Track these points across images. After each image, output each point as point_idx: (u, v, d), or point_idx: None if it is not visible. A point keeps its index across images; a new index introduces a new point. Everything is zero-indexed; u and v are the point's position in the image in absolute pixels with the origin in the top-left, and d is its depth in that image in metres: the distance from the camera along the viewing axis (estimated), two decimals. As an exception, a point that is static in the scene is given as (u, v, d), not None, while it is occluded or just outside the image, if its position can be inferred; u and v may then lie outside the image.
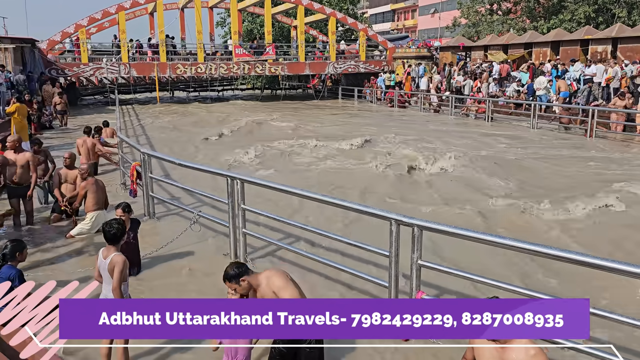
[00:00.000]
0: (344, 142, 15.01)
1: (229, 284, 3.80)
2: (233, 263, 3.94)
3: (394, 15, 75.64)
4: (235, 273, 3.78)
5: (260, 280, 3.82)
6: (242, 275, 3.78)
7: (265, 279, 3.80)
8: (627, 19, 27.25)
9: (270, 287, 3.75)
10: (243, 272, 3.80)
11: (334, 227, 7.55)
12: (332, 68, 30.41)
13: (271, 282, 3.76)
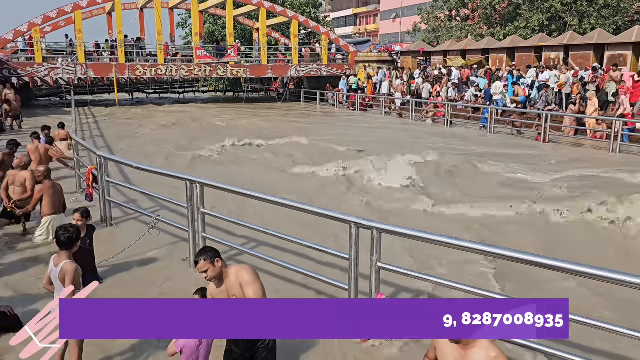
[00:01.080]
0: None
1: (202, 263, 3.72)
2: (206, 246, 3.97)
3: (356, 20, 76.33)
4: (211, 254, 3.75)
5: (230, 272, 3.81)
6: (217, 256, 3.77)
7: (235, 272, 3.80)
8: (578, 27, 28.33)
9: (238, 280, 3.74)
10: (217, 255, 3.79)
11: (295, 230, 7.54)
12: (294, 71, 30.43)
13: (240, 275, 3.76)
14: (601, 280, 3.63)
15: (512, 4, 31.54)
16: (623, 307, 5.37)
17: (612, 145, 14.72)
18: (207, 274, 3.73)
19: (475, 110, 21.25)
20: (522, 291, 5.78)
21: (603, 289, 5.57)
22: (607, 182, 11.24)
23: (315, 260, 6.41)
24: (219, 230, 7.32)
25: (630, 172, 11.75)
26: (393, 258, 6.28)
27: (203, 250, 3.83)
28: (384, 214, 8.99)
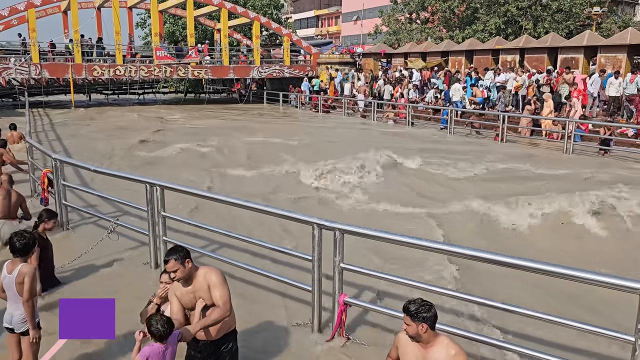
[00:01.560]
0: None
1: (173, 262, 3.62)
2: (176, 245, 3.84)
3: (318, 21, 76.57)
4: (182, 254, 3.66)
5: (198, 273, 3.76)
6: (188, 257, 3.69)
7: (203, 274, 3.74)
8: (533, 31, 29.25)
9: (206, 281, 3.70)
10: (188, 255, 3.71)
11: (257, 232, 7.52)
12: (256, 72, 30.29)
13: (208, 277, 3.71)
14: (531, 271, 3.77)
15: (470, 7, 32.29)
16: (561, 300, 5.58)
17: (566, 145, 15.24)
18: (176, 273, 3.65)
19: (435, 111, 21.64)
20: (477, 288, 5.92)
21: (548, 283, 5.77)
22: (521, 175, 12.07)
23: (279, 262, 6.40)
24: (180, 233, 7.22)
25: (550, 168, 12.71)
26: (362, 259, 6.36)
27: (174, 250, 3.72)
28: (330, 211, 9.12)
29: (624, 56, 18.62)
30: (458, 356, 3.27)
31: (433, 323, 3.32)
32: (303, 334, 4.93)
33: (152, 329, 3.41)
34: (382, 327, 5.04)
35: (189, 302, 3.75)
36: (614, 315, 5.03)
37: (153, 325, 3.41)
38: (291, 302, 5.52)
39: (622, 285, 3.36)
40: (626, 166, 13.48)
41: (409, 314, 3.31)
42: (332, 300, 4.75)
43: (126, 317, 5.14)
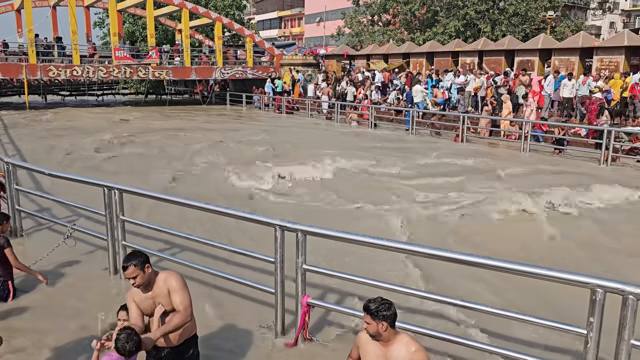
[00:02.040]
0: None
1: (132, 269, 3.52)
2: (135, 250, 3.74)
3: (280, 22, 76.46)
4: (141, 259, 3.56)
5: (158, 278, 3.68)
6: (148, 262, 3.60)
7: (163, 279, 3.67)
8: (491, 34, 30.00)
9: (166, 286, 3.62)
10: (148, 260, 3.62)
11: (218, 235, 7.44)
12: (219, 73, 29.99)
13: (168, 282, 3.64)
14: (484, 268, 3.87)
15: (430, 10, 32.86)
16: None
17: (523, 145, 15.66)
18: (136, 280, 3.56)
19: (398, 112, 21.90)
20: (439, 286, 6.02)
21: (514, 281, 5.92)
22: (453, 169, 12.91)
23: (241, 264, 6.34)
24: (140, 237, 7.07)
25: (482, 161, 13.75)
26: (329, 260, 6.37)
27: (133, 255, 3.62)
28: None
29: (576, 59, 19.31)
30: (418, 353, 3.31)
31: (393, 321, 3.36)
32: (266, 336, 4.90)
33: (119, 345, 3.27)
34: (345, 327, 5.07)
35: (148, 308, 3.67)
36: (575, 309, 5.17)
37: (120, 342, 3.27)
38: (254, 305, 5.48)
39: (575, 281, 3.47)
40: (572, 164, 13.96)
41: (369, 312, 3.34)
42: (296, 302, 4.74)
43: (85, 324, 5.02)
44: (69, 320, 5.14)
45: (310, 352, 4.67)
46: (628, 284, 3.26)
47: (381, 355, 3.41)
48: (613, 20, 51.49)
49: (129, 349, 3.24)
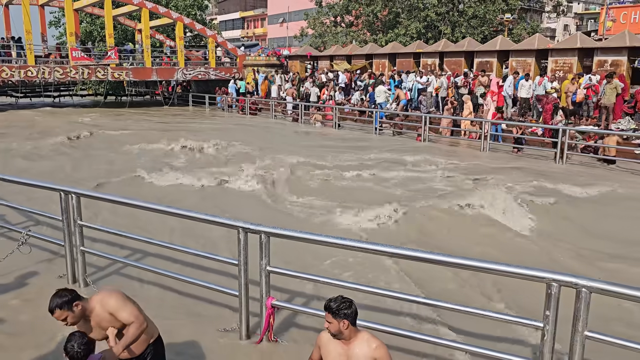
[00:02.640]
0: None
1: (59, 312, 3.37)
2: (59, 290, 3.49)
3: (243, 23, 75.96)
4: (66, 299, 3.38)
5: (93, 305, 3.50)
6: (74, 300, 3.41)
7: (99, 302, 3.50)
8: (451, 36, 30.57)
9: (105, 309, 3.47)
10: (75, 297, 3.43)
11: (183, 239, 7.34)
12: (181, 74, 29.57)
13: (105, 304, 3.48)
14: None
15: (392, 12, 33.24)
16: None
17: (483, 144, 16.02)
18: (66, 321, 3.41)
19: (361, 113, 22.06)
20: (401, 284, 6.10)
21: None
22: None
23: (205, 268, 6.25)
24: (100, 242, 6.91)
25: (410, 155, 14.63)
26: (295, 261, 6.35)
27: (57, 296, 3.39)
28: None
29: (532, 60, 19.88)
30: (379, 349, 3.37)
31: (354, 319, 3.40)
32: (231, 339, 4.86)
33: (67, 346, 3.19)
34: (311, 328, 5.06)
35: (99, 334, 3.54)
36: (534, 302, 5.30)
37: (69, 343, 3.19)
38: (219, 308, 5.42)
39: (532, 275, 3.57)
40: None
41: (330, 311, 3.36)
42: (260, 304, 4.72)
43: (42, 335, 4.86)
44: (22, 336, 4.93)
45: (275, 353, 4.66)
46: (581, 278, 3.38)
47: (343, 354, 3.44)
48: (567, 23, 53.28)
49: (78, 350, 3.14)
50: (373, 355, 3.37)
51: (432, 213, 9.03)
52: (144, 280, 6.06)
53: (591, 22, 48.01)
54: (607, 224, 8.71)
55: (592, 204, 9.94)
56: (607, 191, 10.72)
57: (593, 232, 8.31)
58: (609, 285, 3.31)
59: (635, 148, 13.98)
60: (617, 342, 3.41)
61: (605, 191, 10.71)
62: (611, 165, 13.74)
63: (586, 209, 9.58)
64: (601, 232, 8.32)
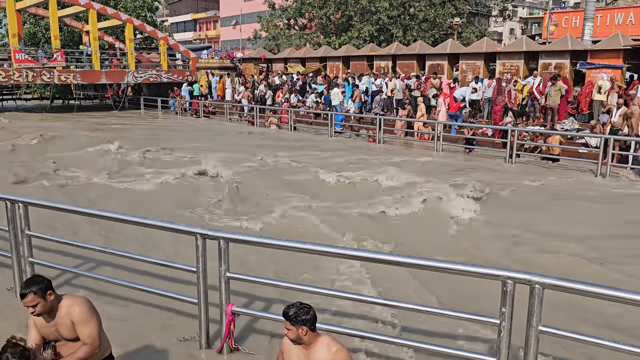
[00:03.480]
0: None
1: (32, 297, 3.26)
2: (34, 275, 3.45)
3: (195, 25, 74.87)
4: (42, 285, 3.29)
5: (62, 304, 3.42)
6: (49, 288, 3.33)
7: (67, 307, 3.41)
8: (403, 39, 31.13)
9: (69, 316, 3.38)
10: (50, 286, 3.35)
11: (133, 247, 7.16)
12: (131, 77, 28.83)
13: (72, 312, 3.38)
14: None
15: (344, 15, 33.54)
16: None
17: (436, 145, 16.37)
18: (35, 308, 3.30)
19: (316, 115, 22.13)
20: (363, 287, 6.15)
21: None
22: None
23: (163, 276, 6.11)
24: (50, 252, 6.63)
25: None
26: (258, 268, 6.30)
27: (32, 281, 3.34)
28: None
29: (481, 63, 20.47)
30: (339, 353, 3.40)
31: (313, 324, 3.41)
32: (191, 348, 4.77)
33: (2, 356, 3.05)
34: (272, 334, 5.03)
35: (51, 334, 3.41)
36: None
37: (4, 353, 3.03)
38: (179, 317, 5.31)
39: (487, 274, 3.67)
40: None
41: (288, 318, 3.37)
42: (220, 312, 4.66)
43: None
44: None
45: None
46: (534, 274, 3.50)
47: (304, 359, 3.44)
48: (513, 26, 55.17)
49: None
50: (333, 359, 3.40)
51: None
52: (98, 291, 5.86)
53: (535, 26, 49.85)
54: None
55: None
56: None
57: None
58: (561, 281, 3.44)
59: (579, 147, 14.61)
60: (569, 335, 3.56)
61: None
62: (555, 164, 14.31)
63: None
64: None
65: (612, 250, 7.53)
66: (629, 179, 12.51)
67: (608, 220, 9.13)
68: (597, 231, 8.40)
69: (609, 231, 8.45)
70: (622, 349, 3.37)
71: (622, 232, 8.42)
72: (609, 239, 8.05)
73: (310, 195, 10.40)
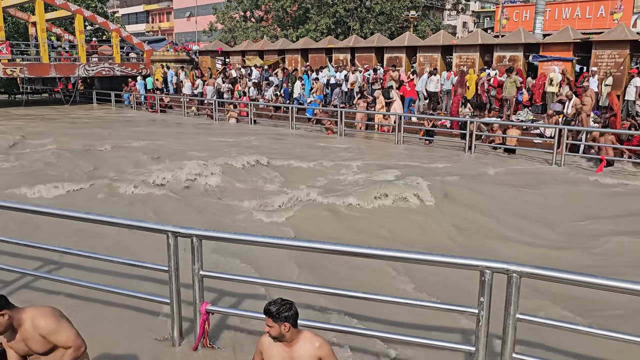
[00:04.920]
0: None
1: None
2: None
3: (148, 17, 72.94)
4: None
5: (23, 318, 3.21)
6: (3, 307, 3.12)
7: (30, 319, 3.21)
8: (360, 31, 31.27)
9: (37, 330, 3.18)
10: (4, 304, 3.14)
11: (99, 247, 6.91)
12: (82, 70, 27.81)
13: (37, 324, 3.19)
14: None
15: (301, 7, 33.40)
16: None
17: (397, 137, 16.53)
18: None
19: (276, 108, 21.98)
20: (337, 281, 6.14)
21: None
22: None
23: (134, 276, 5.89)
24: (6, 255, 6.31)
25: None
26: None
27: None
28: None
29: (438, 56, 20.80)
30: (322, 347, 3.39)
31: (295, 321, 3.38)
32: (165, 348, 4.65)
33: None
34: (248, 331, 4.95)
35: (21, 350, 3.23)
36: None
37: None
38: (152, 318, 5.16)
39: (466, 264, 3.72)
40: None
41: (271, 315, 3.32)
42: (194, 310, 4.55)
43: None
44: None
45: (210, 359, 4.52)
46: (511, 264, 3.56)
47: (286, 357, 3.41)
48: (465, 20, 56.38)
49: None
50: (317, 355, 3.38)
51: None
52: (62, 293, 5.61)
53: (487, 20, 51.08)
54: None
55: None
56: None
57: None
58: (538, 270, 3.52)
59: (535, 137, 15.08)
60: (546, 322, 3.65)
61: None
62: (512, 154, 14.72)
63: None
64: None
65: (577, 236, 7.83)
66: (582, 167, 13.01)
67: (568, 206, 9.48)
68: (562, 217, 8.72)
69: (573, 218, 8.78)
70: (596, 333, 3.49)
71: (584, 218, 8.78)
72: (573, 224, 8.37)
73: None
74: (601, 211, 9.20)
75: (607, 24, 29.58)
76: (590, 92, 14.81)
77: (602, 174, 12.01)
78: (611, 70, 16.21)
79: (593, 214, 8.99)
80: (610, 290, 3.40)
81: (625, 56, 16.32)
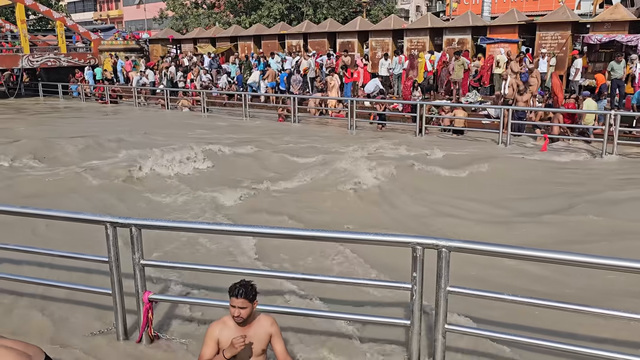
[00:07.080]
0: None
1: None
2: None
3: (95, 5, 70.51)
4: None
5: None
6: None
7: None
8: (314, 17, 31.17)
9: None
10: None
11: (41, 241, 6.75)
12: (26, 62, 26.74)
13: None
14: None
15: (254, -7, 33.00)
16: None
17: (350, 122, 16.64)
18: None
19: (230, 97, 21.75)
20: (280, 263, 6.21)
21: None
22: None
23: (75, 269, 5.79)
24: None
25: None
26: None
27: None
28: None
29: (390, 40, 20.99)
30: (273, 325, 3.61)
31: None
32: (108, 340, 4.59)
33: None
34: (193, 318, 4.96)
35: None
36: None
37: None
38: (93, 310, 5.09)
39: (398, 241, 3.84)
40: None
41: (246, 296, 3.40)
42: (137, 300, 4.52)
43: None
44: None
45: (157, 349, 4.51)
46: (441, 239, 3.70)
47: (246, 338, 3.47)
48: (418, 4, 56.86)
49: None
50: (269, 332, 3.58)
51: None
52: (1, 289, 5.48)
53: (439, 4, 51.65)
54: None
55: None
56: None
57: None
58: (466, 244, 3.67)
59: (482, 118, 15.47)
60: (474, 293, 3.81)
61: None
62: (461, 135, 15.07)
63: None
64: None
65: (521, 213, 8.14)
66: (526, 146, 13.47)
67: (512, 183, 9.84)
68: (506, 194, 9.04)
69: (517, 195, 9.11)
70: (521, 301, 3.68)
71: (527, 195, 9.13)
72: (516, 201, 8.71)
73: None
74: (541, 188, 9.57)
75: (552, 6, 30.42)
76: (536, 73, 15.28)
77: (545, 152, 12.48)
78: (554, 51, 16.76)
79: (534, 191, 9.36)
80: (530, 260, 3.59)
81: (567, 37, 16.89)
